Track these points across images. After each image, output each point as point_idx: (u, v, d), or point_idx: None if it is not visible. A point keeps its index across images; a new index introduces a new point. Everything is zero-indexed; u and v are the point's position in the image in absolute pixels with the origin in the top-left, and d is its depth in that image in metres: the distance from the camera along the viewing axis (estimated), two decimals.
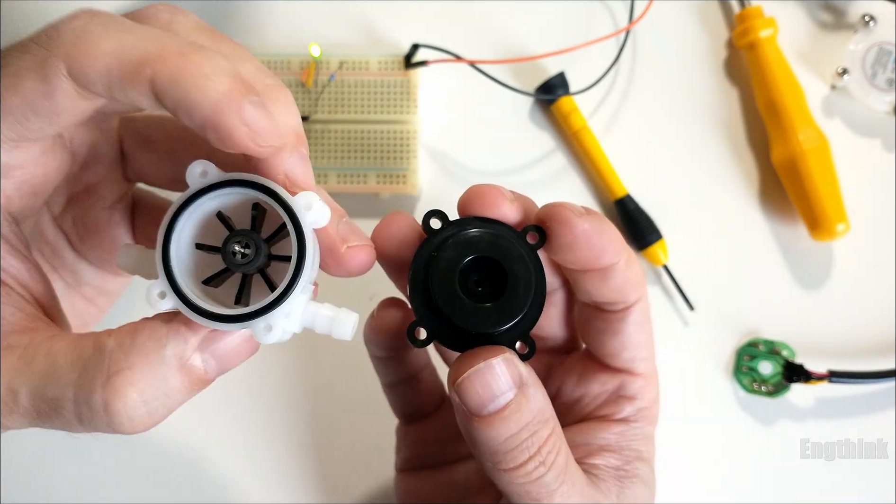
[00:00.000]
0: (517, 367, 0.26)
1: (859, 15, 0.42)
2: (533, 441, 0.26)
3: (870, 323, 0.42)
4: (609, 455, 0.31)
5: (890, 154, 0.43)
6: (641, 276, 0.30)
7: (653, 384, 0.32)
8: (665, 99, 0.43)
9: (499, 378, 0.25)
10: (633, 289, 0.30)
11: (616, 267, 0.29)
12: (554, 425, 0.27)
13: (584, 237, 0.28)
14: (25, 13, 0.43)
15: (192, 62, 0.22)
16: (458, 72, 0.42)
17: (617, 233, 0.29)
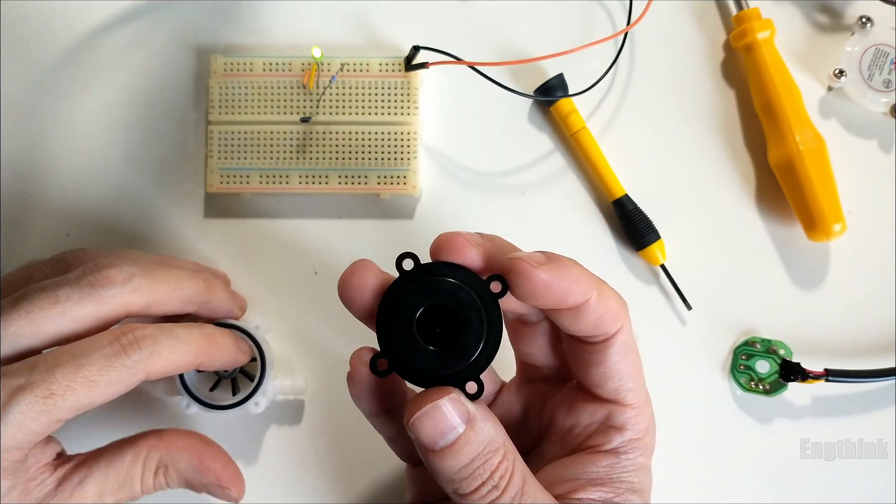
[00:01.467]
0: (464, 405, 0.28)
1: (856, 16, 0.42)
2: (485, 468, 0.28)
3: (866, 322, 0.42)
4: (597, 489, 0.31)
5: (886, 155, 0.43)
6: (619, 308, 0.31)
7: (644, 414, 0.32)
8: (663, 100, 0.43)
9: (446, 417, 0.28)
10: (610, 322, 0.30)
11: (587, 305, 0.30)
12: (505, 451, 0.29)
13: (543, 286, 0.29)
14: (25, 13, 0.43)
15: (216, 346, 0.36)
16: (458, 74, 0.42)
17: (583, 271, 0.30)
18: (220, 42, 0.43)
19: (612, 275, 0.42)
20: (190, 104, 0.43)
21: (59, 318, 0.32)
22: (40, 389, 0.29)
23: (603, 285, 0.30)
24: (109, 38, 0.43)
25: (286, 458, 0.41)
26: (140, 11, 0.43)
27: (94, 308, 0.32)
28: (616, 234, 0.43)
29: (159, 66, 0.43)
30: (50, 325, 0.31)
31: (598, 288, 0.30)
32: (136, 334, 0.32)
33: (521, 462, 0.29)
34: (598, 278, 0.31)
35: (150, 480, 0.34)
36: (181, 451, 0.35)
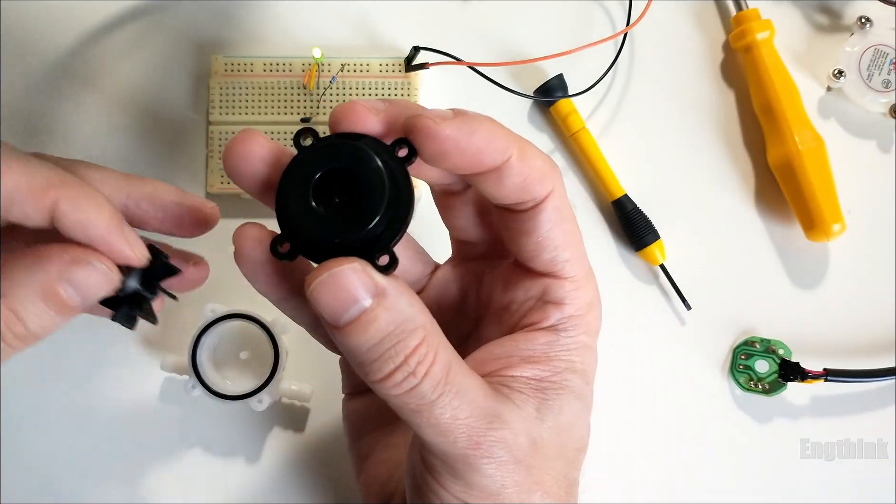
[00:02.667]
0: (371, 277, 0.25)
1: (855, 17, 0.43)
2: (397, 350, 0.25)
3: (866, 322, 0.42)
4: (532, 366, 0.29)
5: (885, 155, 0.43)
6: (546, 168, 0.28)
7: (585, 288, 0.29)
8: (662, 100, 0.43)
9: (348, 287, 0.25)
10: (536, 184, 0.27)
11: (507, 165, 0.27)
12: (426, 335, 0.26)
13: (451, 143, 0.26)
14: (25, 13, 0.43)
15: (85, 190, 0.27)
16: (458, 74, 0.42)
17: (499, 128, 0.27)
18: (220, 42, 0.43)
19: (612, 275, 0.42)
20: (190, 104, 0.43)
21: None
22: None
23: (525, 144, 0.27)
24: (110, 39, 0.43)
25: (286, 462, 0.41)
26: (140, 12, 0.43)
27: None
28: (615, 234, 0.43)
29: (160, 67, 0.43)
30: None
31: (520, 146, 0.27)
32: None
33: (446, 348, 0.26)
34: (519, 137, 0.27)
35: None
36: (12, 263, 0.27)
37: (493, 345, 0.30)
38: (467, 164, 0.27)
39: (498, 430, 0.27)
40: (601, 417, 0.41)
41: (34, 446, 0.41)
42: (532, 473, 0.28)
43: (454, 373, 0.26)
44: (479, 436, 0.27)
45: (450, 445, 0.26)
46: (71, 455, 0.41)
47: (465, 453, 0.27)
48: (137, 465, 0.41)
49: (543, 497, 0.28)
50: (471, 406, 0.26)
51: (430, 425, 0.26)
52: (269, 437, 0.41)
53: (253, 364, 0.40)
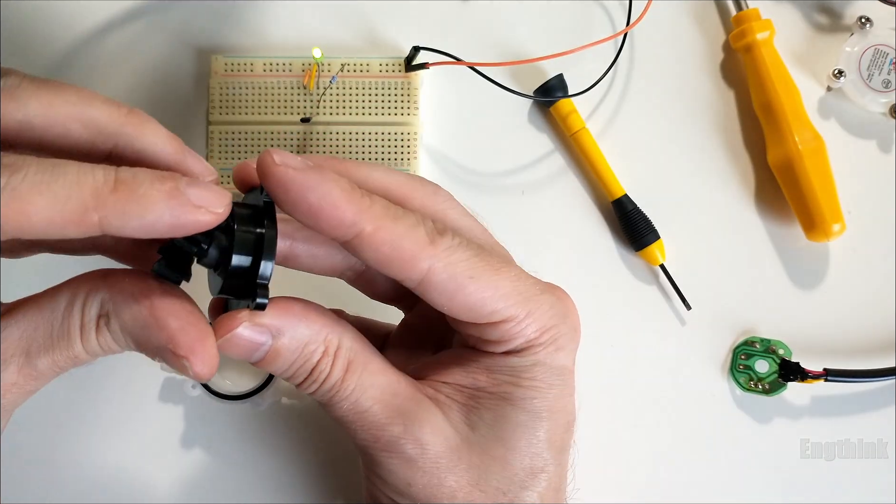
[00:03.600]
0: (261, 324, 0.27)
1: (855, 17, 0.43)
2: (304, 369, 0.28)
3: (866, 322, 0.42)
4: (470, 375, 0.29)
5: (885, 155, 0.43)
6: (417, 247, 0.26)
7: (532, 317, 0.29)
8: (662, 100, 0.43)
9: (246, 341, 0.27)
10: (403, 265, 0.27)
11: (362, 237, 0.26)
12: (326, 348, 0.28)
13: (283, 190, 0.25)
14: (25, 13, 0.43)
15: (127, 193, 0.24)
16: (458, 74, 0.42)
17: (347, 194, 0.26)
18: (220, 42, 0.43)
19: (612, 275, 0.42)
20: (190, 104, 0.43)
21: None
22: None
23: (383, 212, 0.26)
24: (110, 39, 0.43)
25: (286, 462, 0.41)
26: (140, 12, 0.43)
27: None
28: (615, 235, 0.43)
29: (160, 67, 0.43)
30: None
31: (375, 216, 0.26)
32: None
33: (351, 351, 0.28)
34: (385, 210, 0.26)
35: (92, 335, 0.26)
36: (127, 297, 0.26)
37: (446, 352, 0.31)
38: (307, 221, 0.26)
39: (405, 427, 0.28)
40: (601, 417, 0.41)
41: (34, 446, 0.41)
42: (447, 478, 0.28)
43: (356, 373, 0.28)
44: (379, 430, 0.28)
45: (352, 436, 0.29)
46: (71, 455, 0.41)
47: (365, 445, 0.29)
48: (137, 465, 0.41)
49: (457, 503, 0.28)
50: (373, 401, 0.28)
51: (336, 417, 0.29)
52: (269, 437, 0.41)
53: (252, 364, 0.40)
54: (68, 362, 0.26)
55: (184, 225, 0.24)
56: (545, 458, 0.30)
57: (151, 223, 0.24)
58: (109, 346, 0.27)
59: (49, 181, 0.23)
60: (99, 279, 0.26)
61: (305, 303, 0.28)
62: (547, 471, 0.30)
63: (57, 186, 0.23)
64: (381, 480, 0.29)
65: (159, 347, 0.26)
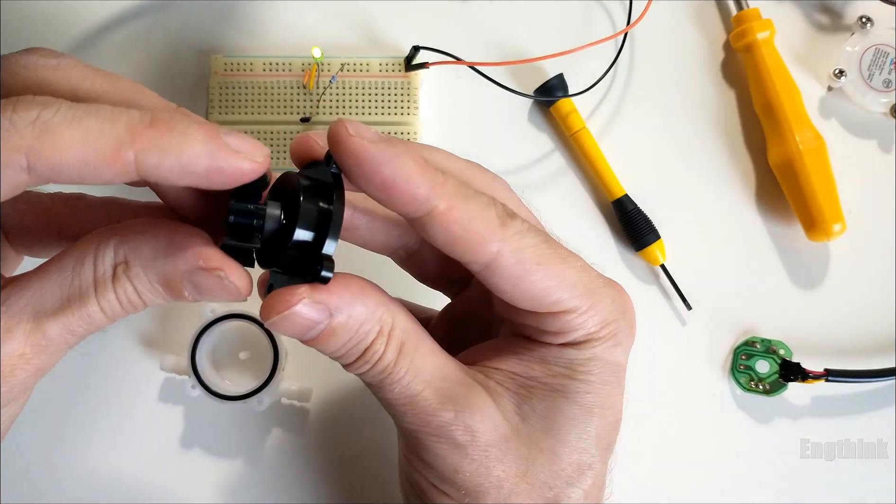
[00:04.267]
0: (319, 303, 0.25)
1: (856, 16, 0.43)
2: (358, 349, 0.27)
3: (866, 322, 0.42)
4: (524, 364, 0.29)
5: (886, 155, 0.43)
6: (488, 230, 0.26)
7: (594, 309, 0.28)
8: (663, 100, 0.43)
9: (303, 319, 0.25)
10: (472, 247, 0.26)
11: (430, 217, 0.25)
12: (381, 328, 0.27)
13: (357, 162, 0.24)
14: (25, 13, 0.43)
15: (164, 128, 0.23)
16: (458, 74, 0.42)
17: (423, 170, 0.25)
18: (220, 42, 0.43)
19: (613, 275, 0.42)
20: (190, 104, 0.43)
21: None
22: None
23: (457, 190, 0.26)
24: (109, 39, 0.43)
25: (285, 463, 0.41)
26: (140, 12, 0.43)
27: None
28: (616, 234, 0.43)
29: (159, 67, 0.43)
30: None
31: (450, 199, 0.25)
32: (25, 97, 0.22)
33: (404, 332, 0.27)
34: (459, 190, 0.26)
35: (108, 287, 0.25)
36: (143, 234, 0.25)
37: (500, 339, 0.30)
38: (377, 195, 0.25)
39: (456, 414, 0.27)
40: None
41: (34, 446, 0.41)
42: (495, 467, 0.28)
43: (409, 355, 0.27)
44: (429, 414, 0.27)
45: (400, 420, 0.28)
46: (70, 455, 0.41)
47: (412, 429, 0.28)
48: (137, 465, 0.41)
49: (502, 493, 0.28)
50: (424, 385, 0.27)
51: (385, 400, 0.28)
52: (269, 437, 0.41)
53: (252, 364, 0.40)
54: (82, 326, 0.25)
55: (223, 169, 0.23)
56: (593, 454, 0.29)
57: (189, 163, 0.23)
58: (129, 297, 0.25)
59: (82, 116, 0.22)
60: (108, 230, 0.25)
61: (362, 280, 0.27)
62: (594, 468, 0.29)
63: (90, 121, 0.22)
64: (425, 465, 0.28)
65: (188, 270, 0.25)
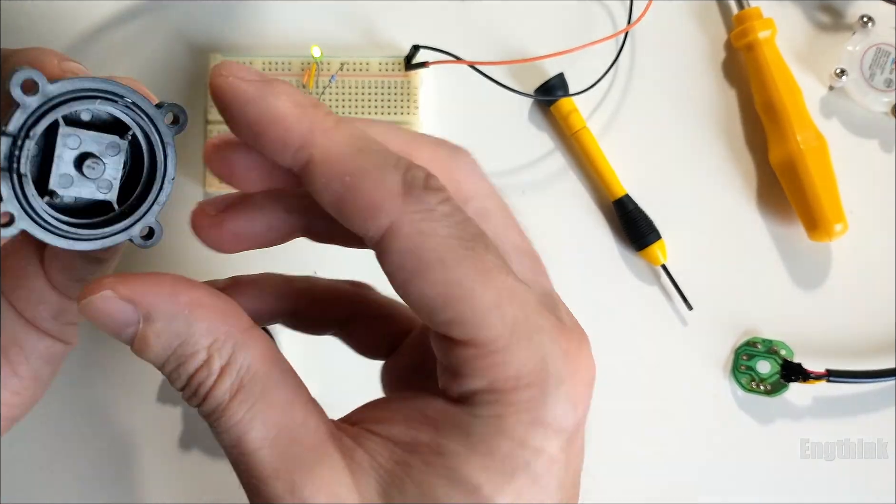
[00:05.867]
0: (130, 299, 0.22)
1: (857, 16, 0.42)
2: (180, 373, 0.22)
3: (868, 323, 0.42)
4: (409, 428, 0.21)
5: (887, 154, 0.43)
6: (386, 188, 0.20)
7: (509, 353, 0.20)
8: (664, 100, 0.43)
9: (110, 315, 0.22)
10: (365, 209, 0.20)
11: (312, 165, 0.21)
12: (208, 357, 0.22)
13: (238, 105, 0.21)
14: (25, 13, 0.43)
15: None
16: (458, 73, 0.42)
17: (300, 107, 0.21)
18: (219, 41, 0.43)
19: (613, 275, 0.42)
20: (189, 104, 0.43)
21: None
22: None
23: (349, 144, 0.21)
24: (108, 38, 0.43)
25: None
26: (139, 11, 0.43)
27: None
28: (617, 234, 0.43)
29: (158, 66, 0.43)
30: None
31: (336, 142, 0.21)
32: None
33: (241, 370, 0.22)
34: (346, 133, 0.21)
35: None
36: None
37: (400, 397, 0.24)
38: (250, 140, 0.22)
39: (293, 487, 0.21)
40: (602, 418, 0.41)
41: (34, 446, 0.41)
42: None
43: (248, 402, 0.22)
44: (259, 481, 0.22)
45: (235, 468, 0.23)
46: (70, 455, 0.41)
47: (247, 483, 0.23)
48: (137, 465, 0.41)
49: None
50: (261, 444, 0.22)
51: (219, 442, 0.23)
52: None
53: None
54: None
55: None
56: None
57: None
58: None
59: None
60: None
61: (193, 285, 0.22)
62: None
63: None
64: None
65: None
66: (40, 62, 0.25)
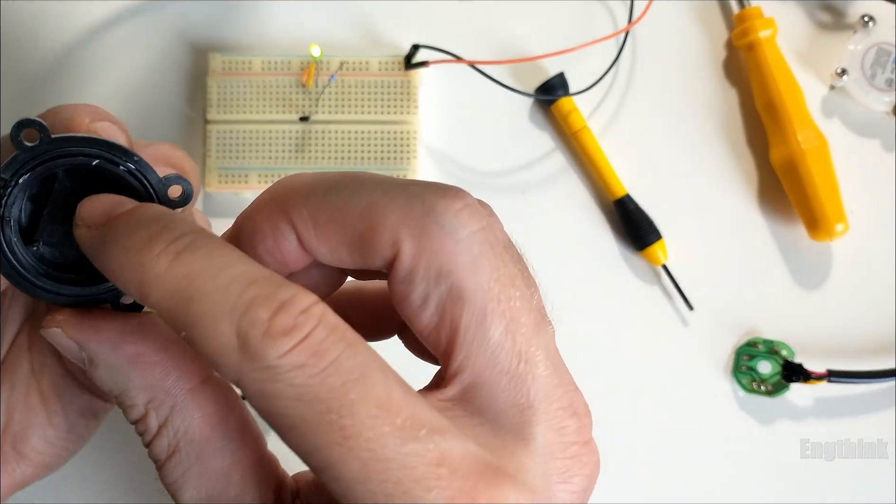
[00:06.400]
0: (72, 336, 0.21)
1: (858, 15, 0.42)
2: (125, 416, 0.22)
3: (869, 323, 0.42)
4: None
5: (889, 154, 0.43)
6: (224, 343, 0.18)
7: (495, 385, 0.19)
8: (664, 99, 0.43)
9: (61, 348, 0.22)
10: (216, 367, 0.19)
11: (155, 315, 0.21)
12: (145, 413, 0.21)
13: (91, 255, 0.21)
14: (24, 12, 0.43)
15: None
16: (458, 72, 0.42)
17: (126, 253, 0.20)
18: (218, 41, 0.43)
19: (614, 275, 0.42)
20: (188, 103, 0.43)
21: None
22: None
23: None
24: (107, 38, 0.43)
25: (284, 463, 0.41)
26: (138, 10, 0.43)
27: None
28: (617, 234, 0.42)
29: (157, 65, 0.43)
30: None
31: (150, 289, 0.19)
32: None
33: (177, 433, 0.21)
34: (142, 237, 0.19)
35: None
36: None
37: None
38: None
39: None
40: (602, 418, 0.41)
41: None
42: None
43: (181, 466, 0.21)
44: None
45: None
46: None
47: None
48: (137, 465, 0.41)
49: None
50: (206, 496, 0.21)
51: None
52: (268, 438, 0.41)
53: None
54: None
55: None
56: None
57: None
58: None
59: None
60: None
61: (141, 337, 0.21)
62: None
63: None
64: None
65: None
66: (69, 118, 0.24)
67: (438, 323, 0.20)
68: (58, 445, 0.26)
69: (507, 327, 0.20)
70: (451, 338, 0.20)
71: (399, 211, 0.20)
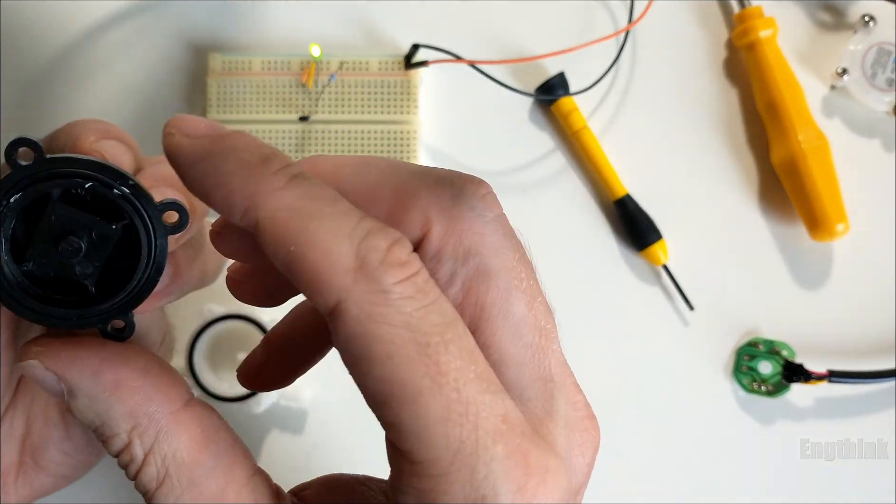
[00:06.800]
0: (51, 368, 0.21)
1: (859, 15, 0.42)
2: (107, 448, 0.22)
3: (869, 323, 0.42)
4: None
5: (889, 154, 0.43)
6: (334, 260, 0.18)
7: (445, 486, 0.18)
8: (665, 99, 0.43)
9: (37, 382, 0.21)
10: (315, 283, 0.18)
11: (258, 230, 0.19)
12: (128, 441, 0.21)
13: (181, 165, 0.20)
14: (24, 12, 0.43)
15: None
16: (458, 72, 0.42)
17: (242, 166, 0.19)
18: (218, 41, 0.43)
19: (614, 275, 0.42)
20: (188, 103, 0.43)
21: None
22: None
23: (297, 208, 0.18)
24: (107, 38, 0.43)
25: (284, 465, 0.41)
26: (138, 10, 0.43)
27: None
28: (618, 234, 0.42)
29: (157, 65, 0.43)
30: None
31: (283, 206, 0.18)
32: None
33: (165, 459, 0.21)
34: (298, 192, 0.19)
35: None
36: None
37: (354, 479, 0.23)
38: (203, 201, 0.20)
39: None
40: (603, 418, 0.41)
41: None
42: None
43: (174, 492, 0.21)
44: None
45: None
46: None
47: None
48: None
49: None
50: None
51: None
52: (268, 439, 0.41)
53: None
54: None
55: None
56: None
57: None
58: None
59: None
60: None
61: (123, 362, 0.21)
62: None
63: None
64: None
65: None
66: (75, 136, 0.24)
67: (463, 300, 0.20)
68: (75, 457, 0.27)
69: (529, 303, 0.21)
70: (478, 314, 0.20)
71: (430, 192, 0.20)
